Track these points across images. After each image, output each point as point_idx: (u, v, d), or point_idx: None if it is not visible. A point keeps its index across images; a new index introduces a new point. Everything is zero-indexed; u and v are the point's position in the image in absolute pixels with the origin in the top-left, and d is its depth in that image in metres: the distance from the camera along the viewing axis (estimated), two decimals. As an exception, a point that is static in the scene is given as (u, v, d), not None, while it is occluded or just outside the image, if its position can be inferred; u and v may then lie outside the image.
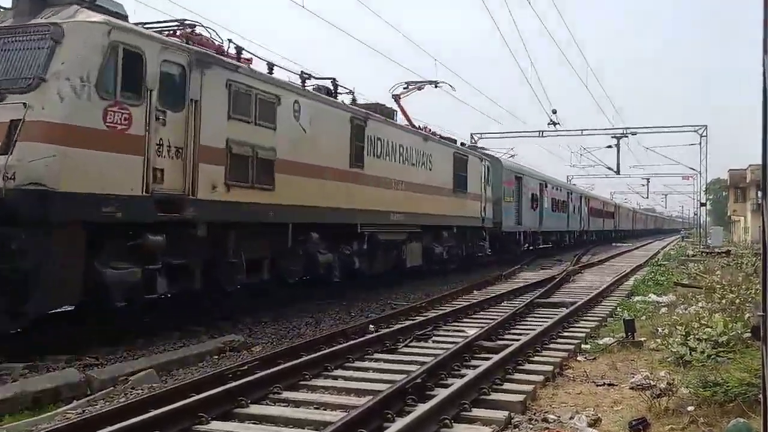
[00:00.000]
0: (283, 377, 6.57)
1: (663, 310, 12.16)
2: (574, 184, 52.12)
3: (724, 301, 12.03)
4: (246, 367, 6.87)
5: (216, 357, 8.62)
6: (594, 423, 5.54)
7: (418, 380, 6.25)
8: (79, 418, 5.21)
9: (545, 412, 5.87)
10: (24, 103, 7.66)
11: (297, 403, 6.07)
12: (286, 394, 6.28)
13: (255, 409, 5.83)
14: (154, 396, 5.86)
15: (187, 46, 9.70)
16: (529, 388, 6.46)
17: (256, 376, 6.43)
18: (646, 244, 52.05)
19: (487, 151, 27.92)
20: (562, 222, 38.11)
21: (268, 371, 6.61)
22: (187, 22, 10.40)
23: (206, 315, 11.07)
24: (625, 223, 71.50)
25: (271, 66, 12.04)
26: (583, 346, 8.98)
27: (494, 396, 6.18)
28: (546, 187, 33.62)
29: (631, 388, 6.59)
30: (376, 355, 8.15)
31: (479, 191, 23.06)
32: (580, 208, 44.06)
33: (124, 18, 8.99)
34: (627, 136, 40.94)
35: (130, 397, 6.30)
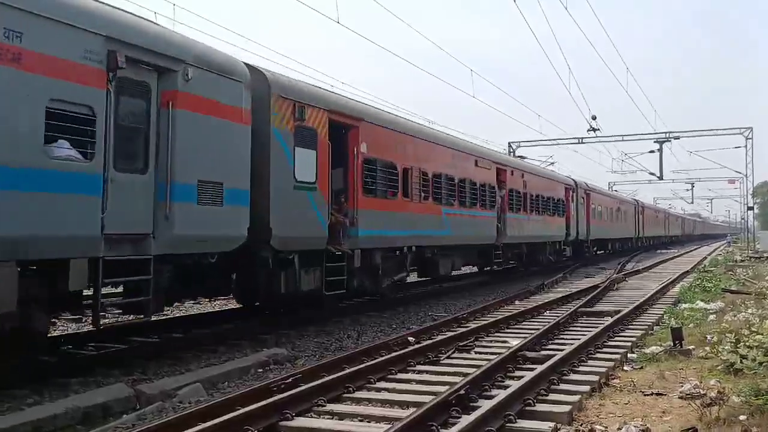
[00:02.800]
0: (327, 390, 6.62)
1: (711, 317, 11.88)
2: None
3: (775, 307, 11.73)
4: (290, 380, 6.92)
5: (260, 370, 8.71)
6: (643, 433, 5.45)
7: (462, 392, 6.23)
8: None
9: (592, 423, 5.80)
10: None
11: (341, 416, 6.11)
12: (330, 407, 6.33)
13: (300, 421, 5.89)
14: (201, 410, 5.95)
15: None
16: (575, 398, 6.38)
17: (300, 389, 6.50)
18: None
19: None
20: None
21: (312, 384, 6.67)
22: None
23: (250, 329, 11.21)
24: (612, 227, 39.01)
25: None
26: (629, 355, 8.83)
27: (539, 407, 6.13)
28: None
29: (680, 398, 6.46)
30: (419, 367, 8.15)
31: None
32: (458, 184, 17.41)
33: None
34: (670, 140, 40.24)
35: (178, 411, 6.41)
